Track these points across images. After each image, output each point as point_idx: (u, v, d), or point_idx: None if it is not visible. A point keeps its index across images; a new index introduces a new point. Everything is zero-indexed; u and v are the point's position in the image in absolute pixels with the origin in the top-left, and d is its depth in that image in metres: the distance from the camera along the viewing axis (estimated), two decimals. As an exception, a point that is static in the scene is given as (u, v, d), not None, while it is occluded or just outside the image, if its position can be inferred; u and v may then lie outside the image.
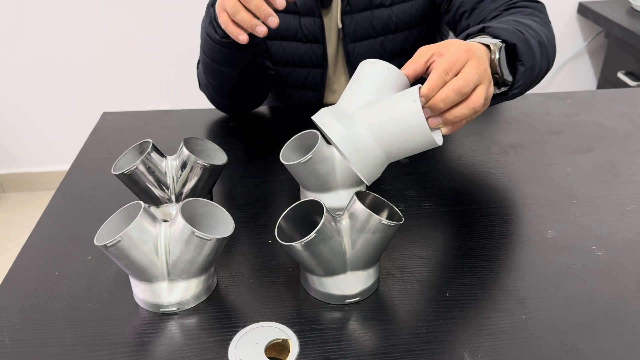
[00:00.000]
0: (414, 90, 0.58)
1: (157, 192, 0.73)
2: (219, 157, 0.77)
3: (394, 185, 0.84)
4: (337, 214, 0.61)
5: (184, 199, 0.69)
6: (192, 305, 0.63)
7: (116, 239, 0.57)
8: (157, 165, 0.72)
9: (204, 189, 0.76)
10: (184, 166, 0.73)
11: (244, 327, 0.60)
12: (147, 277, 0.61)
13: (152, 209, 0.75)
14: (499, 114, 1.07)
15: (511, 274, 0.67)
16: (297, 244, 0.57)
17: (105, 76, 2.15)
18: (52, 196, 0.84)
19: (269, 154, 0.93)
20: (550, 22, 0.89)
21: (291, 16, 1.03)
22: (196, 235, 0.57)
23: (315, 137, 0.73)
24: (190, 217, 0.61)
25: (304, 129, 0.76)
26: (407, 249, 0.71)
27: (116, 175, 0.71)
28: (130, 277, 0.64)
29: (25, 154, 2.30)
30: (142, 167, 0.71)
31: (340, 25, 1.03)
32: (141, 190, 0.73)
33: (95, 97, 2.18)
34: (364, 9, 1.03)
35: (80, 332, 0.60)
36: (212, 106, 1.10)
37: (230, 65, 0.95)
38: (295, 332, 0.59)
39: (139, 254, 0.59)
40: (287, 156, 0.75)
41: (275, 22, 0.75)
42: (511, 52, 0.72)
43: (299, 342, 0.58)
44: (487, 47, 0.68)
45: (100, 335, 0.60)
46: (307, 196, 0.76)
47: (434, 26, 1.11)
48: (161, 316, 0.63)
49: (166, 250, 0.60)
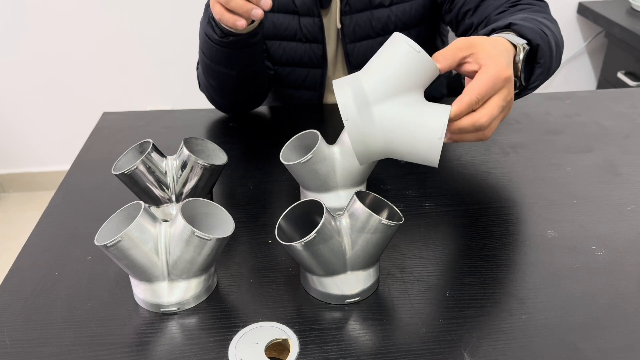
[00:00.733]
0: (442, 126, 0.57)
1: (157, 192, 0.73)
2: (219, 157, 0.77)
3: (394, 185, 0.84)
4: (337, 214, 0.61)
5: (184, 199, 0.70)
6: (192, 305, 0.64)
7: (116, 239, 0.57)
8: (158, 165, 0.72)
9: (204, 189, 0.76)
10: (184, 166, 0.73)
11: (244, 327, 0.60)
12: (147, 277, 0.61)
13: (153, 209, 0.75)
14: (499, 114, 1.07)
15: (511, 274, 0.67)
16: (297, 244, 0.57)
17: (105, 76, 2.15)
18: (52, 196, 0.84)
19: (269, 154, 0.93)
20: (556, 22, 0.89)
21: (290, 16, 1.03)
22: (196, 235, 0.57)
23: (315, 137, 0.73)
24: (190, 217, 0.61)
25: (304, 129, 0.76)
26: (407, 249, 0.71)
27: (116, 175, 0.71)
28: (130, 277, 0.64)
29: (25, 154, 2.30)
30: (142, 167, 0.71)
31: (339, 25, 1.03)
32: (141, 190, 0.73)
33: (95, 97, 2.18)
34: (363, 9, 1.03)
35: (80, 332, 0.60)
36: (212, 106, 1.10)
37: (229, 65, 0.95)
38: (295, 332, 0.59)
39: (139, 254, 0.59)
40: (287, 156, 0.75)
41: (268, 3, 0.75)
42: (531, 52, 0.72)
43: (299, 342, 0.58)
44: (513, 45, 0.67)
45: (100, 335, 0.60)
46: (307, 196, 0.76)
47: (434, 26, 1.11)
48: (161, 316, 0.63)
49: (166, 250, 0.60)
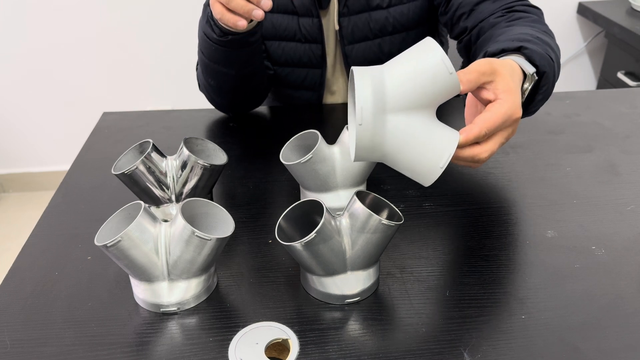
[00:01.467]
0: (447, 156, 0.58)
1: (157, 192, 0.73)
2: (219, 157, 0.77)
3: (394, 185, 0.84)
4: (337, 214, 0.61)
5: (184, 199, 0.70)
6: (192, 305, 0.64)
7: (116, 239, 0.57)
8: (157, 165, 0.72)
9: (204, 189, 0.76)
10: (184, 166, 0.73)
11: (244, 327, 0.60)
12: (147, 277, 0.61)
13: (153, 209, 0.75)
14: (499, 114, 1.06)
15: (511, 274, 0.67)
16: (297, 244, 0.57)
17: (105, 76, 2.15)
18: (52, 196, 0.84)
19: (269, 154, 0.93)
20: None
21: (289, 16, 1.03)
22: (196, 235, 0.57)
23: (315, 137, 0.73)
24: (190, 217, 0.61)
25: (303, 129, 0.76)
26: (407, 249, 0.71)
27: (116, 175, 0.71)
28: (130, 277, 0.64)
29: (25, 154, 2.30)
30: (142, 167, 0.71)
31: (337, 27, 1.03)
32: (141, 190, 0.73)
33: (95, 97, 2.18)
34: (361, 10, 1.03)
35: (80, 332, 0.60)
36: (212, 106, 1.10)
37: (228, 64, 0.95)
38: (295, 332, 0.59)
39: (139, 254, 0.59)
40: (287, 156, 0.75)
41: (268, 3, 0.75)
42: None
43: (299, 342, 0.58)
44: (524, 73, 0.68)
45: (100, 335, 0.60)
46: (307, 196, 0.76)
47: (432, 28, 1.11)
48: (161, 316, 0.63)
49: (166, 250, 0.60)
